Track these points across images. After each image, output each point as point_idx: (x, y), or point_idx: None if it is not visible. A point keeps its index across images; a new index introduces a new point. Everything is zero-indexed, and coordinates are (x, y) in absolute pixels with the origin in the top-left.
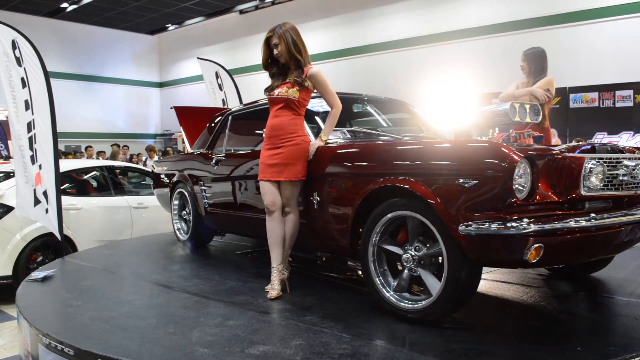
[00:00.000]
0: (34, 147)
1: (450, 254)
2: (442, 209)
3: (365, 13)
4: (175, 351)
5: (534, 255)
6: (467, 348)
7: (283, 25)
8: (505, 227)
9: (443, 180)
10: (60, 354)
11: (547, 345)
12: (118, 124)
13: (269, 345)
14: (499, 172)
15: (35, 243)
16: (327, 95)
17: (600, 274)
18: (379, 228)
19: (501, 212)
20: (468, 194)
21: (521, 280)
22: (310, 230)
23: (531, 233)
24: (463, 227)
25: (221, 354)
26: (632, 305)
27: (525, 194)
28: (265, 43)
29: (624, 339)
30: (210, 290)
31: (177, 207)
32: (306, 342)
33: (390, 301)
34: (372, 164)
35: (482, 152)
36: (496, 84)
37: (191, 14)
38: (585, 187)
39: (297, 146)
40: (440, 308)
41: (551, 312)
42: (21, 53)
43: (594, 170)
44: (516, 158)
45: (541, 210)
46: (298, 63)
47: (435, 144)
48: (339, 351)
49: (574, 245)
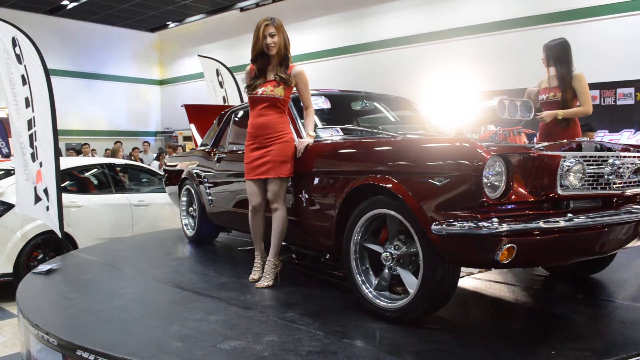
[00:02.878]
0: (34, 144)
1: (425, 253)
2: (416, 207)
3: (365, 10)
4: (149, 344)
5: (506, 255)
6: (437, 349)
7: (276, 18)
8: (476, 226)
9: (418, 179)
10: (46, 344)
11: (521, 347)
12: (118, 122)
13: (242, 341)
14: (469, 170)
15: (36, 241)
16: (307, 95)
17: (602, 275)
18: (360, 226)
19: (473, 211)
20: (440, 193)
21: (517, 281)
22: (300, 228)
23: (502, 233)
24: (435, 226)
25: (193, 348)
26: (624, 308)
27: (500, 193)
28: (258, 31)
29: (604, 343)
30: (202, 285)
31: (185, 204)
32: (279, 339)
33: (369, 299)
34: (354, 162)
35: (452, 150)
36: (497, 82)
37: (192, 11)
38: (563, 186)
39: (286, 144)
40: (417, 307)
41: (537, 314)
42: (21, 50)
43: (571, 169)
44: (486, 156)
45: (517, 209)
46: (285, 59)
47: (412, 141)
48: (308, 348)
49: (549, 247)
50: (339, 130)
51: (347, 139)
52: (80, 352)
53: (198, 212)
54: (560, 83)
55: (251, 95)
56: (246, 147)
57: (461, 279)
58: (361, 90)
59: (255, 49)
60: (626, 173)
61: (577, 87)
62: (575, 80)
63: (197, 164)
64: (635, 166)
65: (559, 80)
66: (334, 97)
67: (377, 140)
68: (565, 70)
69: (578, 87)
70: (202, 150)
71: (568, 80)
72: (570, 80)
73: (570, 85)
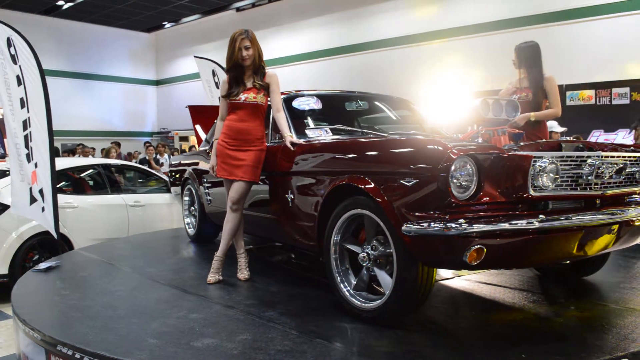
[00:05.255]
0: (29, 145)
1: (399, 253)
2: (388, 207)
3: (362, 11)
4: (126, 340)
5: (475, 257)
6: (408, 350)
7: (250, 30)
8: (444, 227)
9: (390, 179)
10: (32, 339)
11: (493, 349)
12: (114, 122)
13: (215, 339)
14: (437, 170)
15: (32, 241)
16: (278, 98)
17: (595, 277)
18: (339, 226)
19: (443, 212)
20: (410, 193)
21: (507, 283)
22: (286, 227)
23: (470, 234)
24: (406, 226)
25: (167, 345)
26: (609, 311)
27: (471, 193)
28: (234, 43)
29: (579, 346)
30: (192, 283)
31: (187, 203)
32: (252, 337)
33: (346, 299)
34: (335, 162)
35: (421, 151)
36: (493, 82)
37: (187, 11)
38: (536, 187)
39: (262, 152)
40: (392, 308)
41: (519, 317)
42: (16, 51)
43: (545, 170)
44: (453, 156)
45: (490, 211)
46: (260, 69)
47: (384, 142)
48: (279, 347)
49: (520, 249)
50: (328, 131)
51: (336, 140)
52: (60, 347)
53: (198, 211)
54: (531, 84)
55: (234, 101)
56: (222, 146)
57: (450, 279)
58: (355, 91)
59: (231, 60)
60: (606, 173)
61: (548, 89)
62: (547, 82)
63: (196, 163)
64: (616, 166)
65: (531, 82)
66: (331, 97)
67: (354, 141)
68: (537, 72)
69: (549, 89)
70: (203, 150)
71: (540, 82)
72: (542, 82)
73: (542, 87)
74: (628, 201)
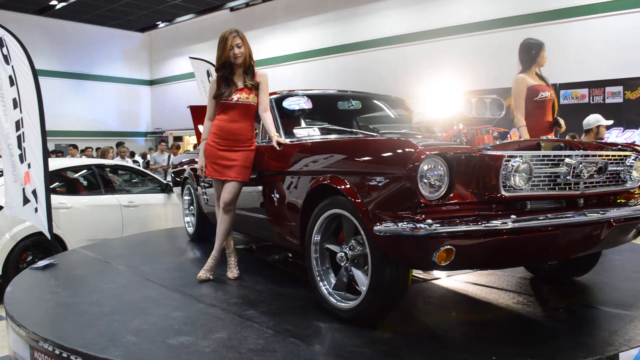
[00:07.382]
0: (22, 145)
1: (373, 253)
2: (361, 207)
3: (356, 10)
4: (104, 337)
5: (444, 258)
6: (379, 351)
7: (239, 30)
8: (414, 227)
9: (364, 179)
10: (18, 335)
11: (466, 351)
12: (109, 122)
13: (191, 337)
14: (406, 170)
15: (25, 242)
16: (266, 97)
17: (586, 278)
18: (319, 226)
19: (413, 212)
20: (381, 193)
21: (496, 283)
22: (271, 227)
23: (439, 235)
24: (377, 226)
25: (143, 342)
26: (595, 312)
27: (442, 193)
28: (225, 42)
29: (555, 348)
30: (182, 282)
31: (187, 202)
32: (227, 335)
33: (325, 298)
34: (315, 162)
35: (391, 149)
36: (487, 81)
37: (181, 11)
38: (508, 187)
39: (252, 152)
40: (368, 307)
41: (500, 318)
42: (9, 51)
43: (517, 169)
44: (421, 156)
45: (462, 211)
46: (250, 68)
47: (358, 142)
48: (251, 346)
49: (492, 249)
50: (316, 131)
51: (318, 140)
52: (42, 342)
53: (196, 210)
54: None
55: (226, 101)
56: (212, 147)
57: (437, 280)
58: (347, 90)
59: (221, 59)
60: (585, 173)
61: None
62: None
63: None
64: (597, 166)
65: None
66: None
67: (332, 141)
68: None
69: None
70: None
71: None
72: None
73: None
74: (614, 201)
